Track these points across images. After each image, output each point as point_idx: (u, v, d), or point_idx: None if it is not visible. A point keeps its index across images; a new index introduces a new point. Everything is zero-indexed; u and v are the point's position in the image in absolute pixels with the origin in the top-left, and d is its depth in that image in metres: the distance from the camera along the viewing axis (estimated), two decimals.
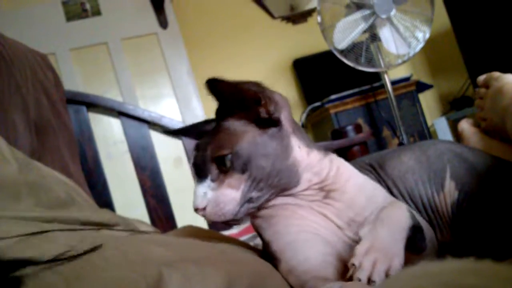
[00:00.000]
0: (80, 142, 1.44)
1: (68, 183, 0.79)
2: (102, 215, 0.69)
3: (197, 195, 0.56)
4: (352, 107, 2.23)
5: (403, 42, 1.84)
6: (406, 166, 0.68)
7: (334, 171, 0.60)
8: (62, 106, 1.24)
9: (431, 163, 0.66)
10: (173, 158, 1.90)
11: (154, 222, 1.49)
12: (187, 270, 0.42)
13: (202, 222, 0.88)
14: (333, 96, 2.18)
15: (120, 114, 1.56)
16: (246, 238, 1.17)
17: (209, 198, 0.56)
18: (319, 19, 1.83)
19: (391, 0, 1.78)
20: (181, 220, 1.50)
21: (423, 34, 1.84)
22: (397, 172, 0.68)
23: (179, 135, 0.74)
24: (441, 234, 0.65)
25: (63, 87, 1.30)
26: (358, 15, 1.81)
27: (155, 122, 1.56)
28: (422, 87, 2.42)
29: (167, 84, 2.27)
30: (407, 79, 2.29)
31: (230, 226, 0.59)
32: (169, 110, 2.24)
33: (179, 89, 2.26)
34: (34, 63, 1.15)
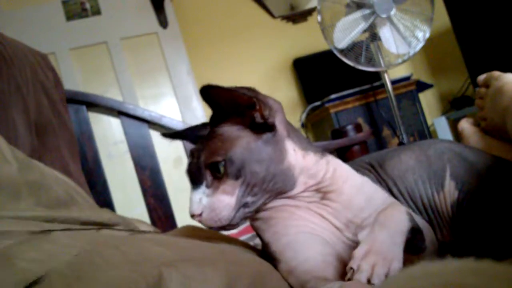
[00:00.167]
0: (80, 142, 1.44)
1: (68, 183, 0.79)
2: (102, 214, 0.69)
3: (192, 201, 0.56)
4: (352, 107, 2.23)
5: (403, 42, 1.84)
6: (406, 165, 0.67)
7: (331, 173, 0.60)
8: (62, 106, 1.24)
9: (431, 162, 0.66)
10: (173, 158, 1.90)
11: (154, 222, 1.49)
12: (187, 270, 0.42)
13: None
14: (333, 96, 2.18)
15: (120, 113, 1.56)
16: (246, 238, 1.17)
17: (204, 204, 0.56)
18: (319, 18, 1.83)
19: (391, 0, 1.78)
20: (181, 220, 1.49)
21: (423, 34, 1.84)
22: (397, 172, 0.68)
23: (175, 139, 0.73)
24: (441, 233, 0.65)
25: (63, 87, 1.30)
26: (358, 14, 1.81)
27: (155, 122, 1.56)
28: (422, 86, 2.43)
29: (167, 83, 2.27)
30: (407, 79, 2.29)
31: (227, 231, 0.59)
32: (169, 110, 2.24)
33: (179, 88, 2.26)
34: (34, 63, 1.15)
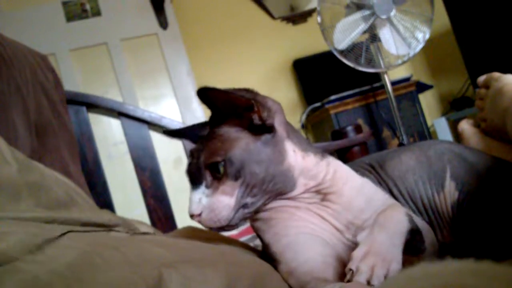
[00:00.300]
0: (80, 143, 1.44)
1: (68, 184, 0.79)
2: (103, 215, 0.69)
3: (192, 201, 0.56)
4: (352, 108, 2.23)
5: (403, 43, 1.84)
6: (406, 166, 0.68)
7: (331, 174, 0.60)
8: (62, 107, 1.24)
9: (431, 163, 0.66)
10: (173, 158, 1.90)
11: (154, 223, 1.49)
12: (187, 271, 0.42)
13: None
14: (333, 97, 2.18)
15: (120, 114, 1.56)
16: (246, 239, 1.17)
17: (204, 205, 0.56)
18: (319, 19, 1.83)
19: (391, 1, 1.78)
20: (181, 220, 1.49)
21: (423, 35, 1.84)
22: (397, 172, 0.68)
23: (176, 137, 0.73)
24: (441, 234, 0.65)
25: (63, 88, 1.30)
26: (358, 15, 1.81)
27: (155, 123, 1.56)
28: (422, 87, 2.42)
29: (167, 84, 2.27)
30: (407, 80, 2.29)
31: (226, 231, 0.59)
32: (169, 111, 2.24)
33: (179, 89, 2.26)
34: (34, 64, 1.15)
